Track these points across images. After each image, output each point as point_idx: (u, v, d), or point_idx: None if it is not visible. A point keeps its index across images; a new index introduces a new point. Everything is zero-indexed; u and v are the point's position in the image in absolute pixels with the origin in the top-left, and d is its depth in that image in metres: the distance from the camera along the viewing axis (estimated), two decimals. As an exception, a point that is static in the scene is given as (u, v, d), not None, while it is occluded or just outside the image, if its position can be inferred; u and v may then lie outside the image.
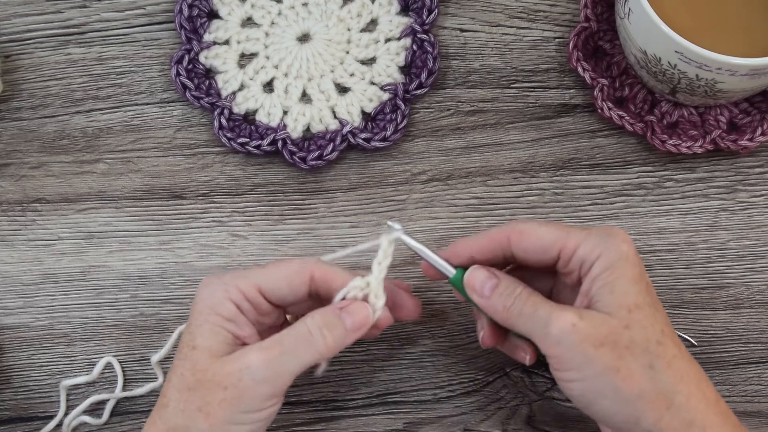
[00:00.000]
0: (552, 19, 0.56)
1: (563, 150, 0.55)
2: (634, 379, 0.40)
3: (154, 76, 0.55)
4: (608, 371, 0.40)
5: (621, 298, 0.41)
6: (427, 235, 0.54)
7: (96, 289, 0.54)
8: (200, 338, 0.42)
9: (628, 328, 0.40)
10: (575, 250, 0.43)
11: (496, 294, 0.44)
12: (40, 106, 0.55)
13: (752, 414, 0.53)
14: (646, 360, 0.40)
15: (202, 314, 0.43)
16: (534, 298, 0.43)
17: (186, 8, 0.54)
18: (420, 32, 0.54)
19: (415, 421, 0.53)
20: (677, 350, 0.41)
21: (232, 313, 0.43)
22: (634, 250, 0.42)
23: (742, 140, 0.52)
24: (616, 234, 0.42)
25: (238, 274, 0.44)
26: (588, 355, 0.40)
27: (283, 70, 0.55)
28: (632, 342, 0.40)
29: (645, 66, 0.50)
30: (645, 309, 0.41)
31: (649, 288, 0.42)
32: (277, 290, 0.44)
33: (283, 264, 0.44)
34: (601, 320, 0.41)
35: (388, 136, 0.53)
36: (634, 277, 0.42)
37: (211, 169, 0.54)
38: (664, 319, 0.42)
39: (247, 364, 0.41)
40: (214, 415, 0.41)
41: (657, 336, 0.41)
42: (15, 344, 0.53)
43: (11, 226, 0.54)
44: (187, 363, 0.42)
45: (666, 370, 0.40)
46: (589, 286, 0.42)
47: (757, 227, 0.54)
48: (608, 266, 0.42)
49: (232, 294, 0.43)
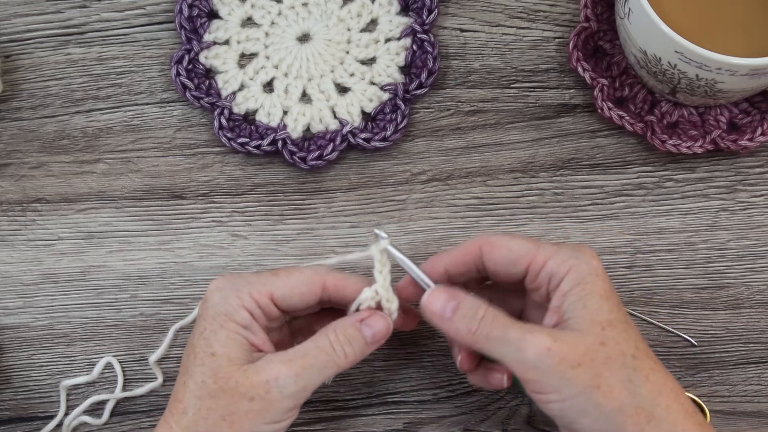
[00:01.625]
0: (552, 19, 0.56)
1: (563, 150, 0.55)
2: (614, 394, 0.40)
3: (154, 76, 0.55)
4: (588, 389, 0.40)
5: (594, 314, 0.41)
6: (427, 235, 0.54)
7: (96, 289, 0.54)
8: (218, 345, 0.42)
9: (604, 344, 0.40)
10: (544, 263, 0.42)
11: (458, 316, 0.43)
12: (40, 106, 0.55)
13: (752, 414, 0.53)
14: (624, 374, 0.40)
15: (216, 320, 0.42)
16: (500, 319, 0.42)
17: (186, 8, 0.54)
18: (420, 32, 0.54)
19: (415, 421, 0.53)
20: (653, 363, 0.41)
21: (247, 320, 0.43)
22: (602, 267, 0.42)
23: (742, 140, 0.52)
24: (585, 250, 0.43)
25: (250, 279, 0.43)
26: (566, 377, 0.40)
27: (283, 70, 0.55)
28: (609, 358, 0.40)
29: (645, 66, 0.50)
30: (618, 325, 0.41)
31: (619, 304, 0.42)
32: (289, 299, 0.44)
33: (295, 272, 0.44)
34: (576, 340, 0.40)
35: (388, 136, 0.53)
36: (605, 293, 0.42)
37: (211, 169, 0.54)
38: (636, 334, 0.42)
39: (275, 377, 0.41)
40: (239, 424, 0.41)
41: (632, 351, 0.41)
42: (15, 344, 0.53)
43: (11, 226, 0.54)
44: (207, 370, 0.42)
45: (645, 384, 0.40)
46: (560, 302, 0.42)
47: (757, 227, 0.54)
48: (579, 281, 0.41)
49: (245, 301, 0.43)
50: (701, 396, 0.53)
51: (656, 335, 0.53)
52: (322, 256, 0.54)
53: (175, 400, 0.42)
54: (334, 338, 0.43)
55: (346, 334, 0.43)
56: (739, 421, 0.53)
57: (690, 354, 0.53)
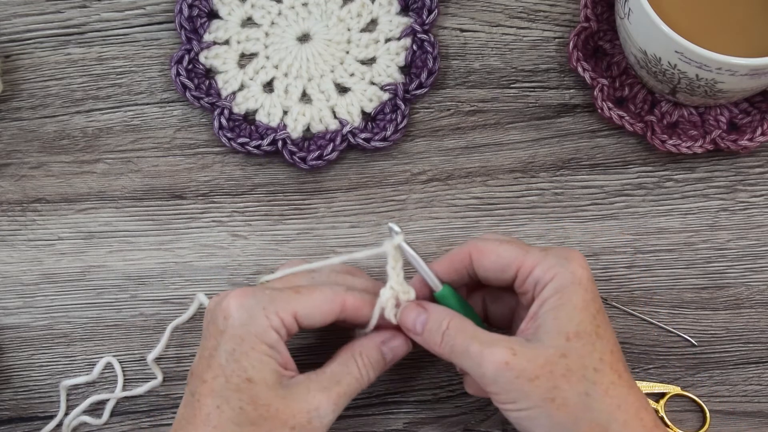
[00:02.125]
0: (552, 19, 0.56)
1: (563, 150, 0.55)
2: (568, 407, 0.40)
3: (154, 76, 0.55)
4: (543, 402, 0.40)
5: (562, 325, 0.41)
6: (427, 235, 0.54)
7: (96, 289, 0.54)
8: (253, 370, 0.41)
9: (565, 356, 0.40)
10: (532, 270, 0.43)
11: (427, 330, 0.44)
12: (40, 106, 0.55)
13: (752, 414, 0.53)
14: (582, 388, 0.40)
15: (246, 341, 0.42)
16: (464, 333, 0.42)
17: (186, 8, 0.54)
18: (420, 32, 0.54)
19: (415, 421, 0.53)
20: (616, 377, 0.41)
21: (275, 340, 0.42)
22: (589, 276, 0.42)
23: (742, 140, 0.52)
24: (573, 258, 0.42)
25: (274, 297, 0.43)
26: (523, 390, 0.40)
27: (283, 70, 0.55)
28: (569, 370, 0.40)
29: (645, 66, 0.50)
30: (585, 337, 0.41)
31: (597, 315, 0.42)
32: (311, 317, 0.43)
33: (317, 291, 0.44)
34: (536, 352, 0.40)
35: (388, 136, 0.53)
36: (582, 303, 0.41)
37: (211, 169, 0.54)
38: (606, 346, 0.41)
39: (315, 407, 0.42)
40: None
41: (595, 363, 0.41)
42: (15, 344, 0.53)
43: (11, 226, 0.54)
44: (245, 396, 0.41)
45: (603, 398, 0.40)
46: (537, 309, 0.42)
47: (757, 227, 0.54)
48: (559, 289, 0.41)
49: (273, 321, 0.42)
50: (701, 396, 0.53)
51: (656, 335, 0.53)
52: (322, 256, 0.54)
53: (208, 424, 0.41)
54: (362, 363, 0.44)
55: (371, 358, 0.44)
56: (739, 421, 0.53)
57: (690, 354, 0.53)
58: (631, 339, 0.53)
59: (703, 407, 0.52)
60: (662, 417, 0.52)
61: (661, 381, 0.53)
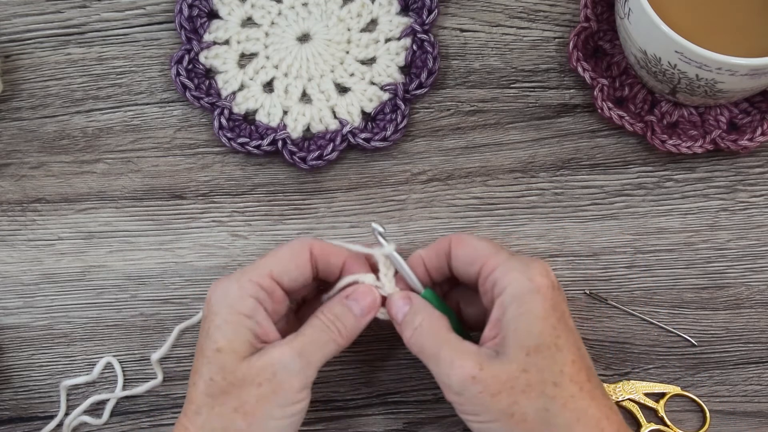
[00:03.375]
0: (552, 19, 0.56)
1: (563, 150, 0.55)
2: (527, 423, 0.40)
3: (154, 76, 0.55)
4: (503, 416, 0.40)
5: (523, 338, 0.41)
6: (427, 235, 0.54)
7: (96, 289, 0.54)
8: (223, 340, 0.42)
9: (525, 371, 0.41)
10: (493, 270, 0.43)
11: (404, 322, 0.44)
12: (40, 106, 0.55)
13: (752, 414, 0.53)
14: (540, 403, 0.40)
15: (219, 314, 0.42)
16: (437, 335, 0.43)
17: (186, 8, 0.54)
18: (420, 32, 0.54)
19: (415, 421, 0.53)
20: (576, 389, 0.41)
21: (251, 308, 0.42)
22: (549, 283, 0.42)
23: (742, 140, 0.52)
24: (535, 266, 0.42)
25: (245, 268, 0.44)
26: (485, 404, 0.41)
27: (283, 70, 0.55)
28: (528, 386, 0.40)
29: (645, 66, 0.50)
30: (544, 351, 0.41)
31: (556, 325, 0.42)
32: (288, 272, 0.44)
33: (283, 245, 0.45)
34: (500, 368, 0.41)
35: (388, 136, 0.53)
36: (541, 314, 0.41)
37: (211, 169, 0.55)
38: (566, 357, 0.41)
39: (278, 358, 0.41)
40: (252, 413, 0.41)
41: (554, 377, 0.41)
42: (15, 344, 0.53)
43: (11, 226, 0.54)
44: (213, 367, 0.42)
45: (562, 412, 0.40)
46: (500, 315, 0.42)
47: (757, 227, 0.54)
48: (517, 296, 0.41)
49: (247, 288, 0.43)
50: (701, 396, 0.53)
51: (656, 335, 0.53)
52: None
53: (188, 402, 0.42)
54: (324, 318, 0.44)
55: (334, 312, 0.44)
56: (739, 421, 0.53)
57: (690, 354, 0.53)
58: (631, 339, 0.53)
59: (703, 407, 0.52)
60: (662, 417, 0.52)
61: (661, 381, 0.53)
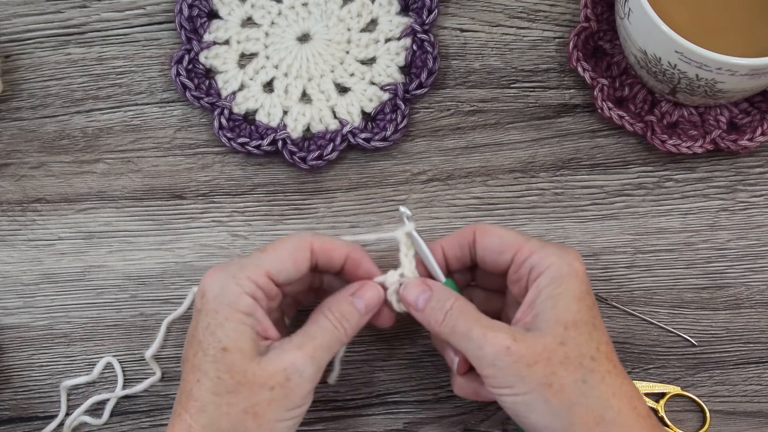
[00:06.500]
0: (552, 19, 0.56)
1: (563, 150, 0.55)
2: (564, 393, 0.40)
3: (154, 76, 0.55)
4: (540, 386, 0.40)
5: (561, 314, 0.41)
6: (427, 235, 0.54)
7: (96, 289, 0.54)
8: (227, 339, 0.42)
9: (563, 344, 0.41)
10: (529, 255, 0.43)
11: (428, 308, 0.44)
12: (40, 106, 0.55)
13: (752, 414, 0.53)
14: (579, 374, 0.41)
15: (220, 312, 0.42)
16: (467, 315, 0.43)
17: (186, 8, 0.54)
18: (420, 32, 0.54)
19: (415, 421, 0.53)
20: (612, 367, 0.42)
21: (250, 306, 0.42)
22: (584, 270, 0.43)
23: (742, 140, 0.52)
24: (570, 252, 0.43)
25: (243, 263, 0.43)
26: (521, 374, 0.41)
27: (283, 70, 0.55)
28: (566, 358, 0.41)
29: (645, 66, 0.50)
30: (582, 327, 0.42)
31: (592, 307, 0.43)
32: (285, 271, 0.44)
33: (282, 242, 0.44)
34: (536, 339, 0.41)
35: (388, 136, 0.53)
36: (579, 294, 0.42)
37: (211, 169, 0.55)
38: (602, 337, 0.42)
39: (292, 363, 0.42)
40: (263, 415, 0.41)
41: (592, 352, 0.41)
42: (15, 344, 0.53)
43: (11, 226, 0.54)
44: (221, 366, 0.41)
45: (599, 385, 0.41)
46: (535, 296, 0.42)
47: (757, 227, 0.54)
48: (556, 278, 0.42)
49: (246, 287, 0.42)
50: (701, 396, 0.53)
51: (656, 335, 0.53)
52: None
53: (190, 399, 0.42)
54: (333, 317, 0.44)
55: (342, 311, 0.44)
56: (739, 421, 0.53)
57: (690, 354, 0.53)
58: (631, 339, 0.53)
59: (703, 407, 0.52)
60: (662, 417, 0.52)
61: (661, 381, 0.53)
